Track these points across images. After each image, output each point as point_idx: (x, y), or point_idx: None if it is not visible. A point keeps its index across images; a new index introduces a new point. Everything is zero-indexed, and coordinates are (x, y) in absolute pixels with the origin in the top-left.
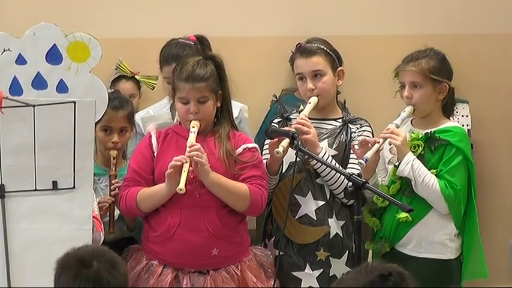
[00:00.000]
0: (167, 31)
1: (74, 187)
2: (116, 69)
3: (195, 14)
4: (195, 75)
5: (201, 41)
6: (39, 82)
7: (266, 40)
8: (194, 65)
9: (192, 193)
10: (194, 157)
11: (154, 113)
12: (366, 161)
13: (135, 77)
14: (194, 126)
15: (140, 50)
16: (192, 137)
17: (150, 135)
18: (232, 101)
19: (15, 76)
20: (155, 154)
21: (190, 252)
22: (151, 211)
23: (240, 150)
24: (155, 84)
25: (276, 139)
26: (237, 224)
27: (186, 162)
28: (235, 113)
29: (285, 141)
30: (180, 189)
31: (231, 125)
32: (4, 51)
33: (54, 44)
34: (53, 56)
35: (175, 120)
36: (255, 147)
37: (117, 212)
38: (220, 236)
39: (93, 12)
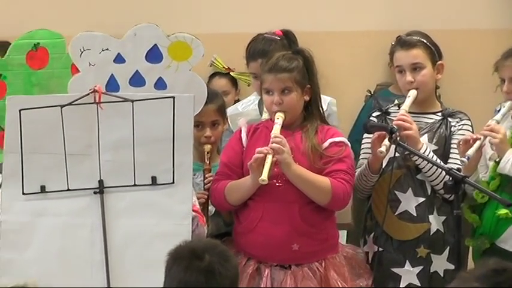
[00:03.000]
0: (261, 25)
1: (173, 182)
2: (211, 65)
3: (288, 8)
4: (279, 66)
5: (287, 36)
6: (137, 80)
7: (360, 35)
8: (279, 57)
9: (276, 187)
10: (275, 148)
11: (242, 110)
12: (468, 158)
13: (230, 73)
14: (279, 118)
15: (234, 45)
16: (276, 129)
17: (241, 130)
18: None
19: (112, 74)
20: (244, 148)
21: (271, 246)
22: (239, 204)
23: (326, 144)
24: (250, 80)
25: (377, 137)
26: (322, 220)
27: (269, 153)
28: (323, 107)
29: (387, 141)
30: (263, 180)
31: (320, 119)
32: (103, 50)
33: (155, 44)
34: (153, 55)
35: (262, 117)
36: (343, 142)
37: (213, 208)
38: (301, 231)
39: (187, 8)
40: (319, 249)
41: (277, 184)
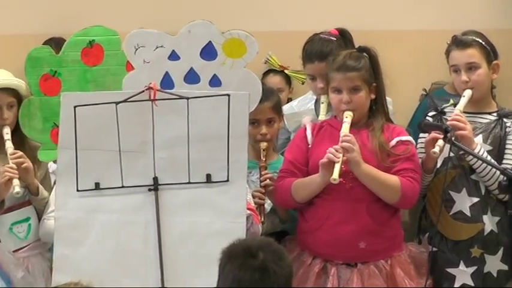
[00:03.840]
0: (316, 24)
1: (227, 180)
2: (265, 62)
3: (343, 7)
4: (347, 65)
5: (344, 35)
6: (191, 77)
7: (416, 34)
8: (346, 55)
9: (344, 185)
10: (345, 147)
11: (298, 109)
12: None
13: (285, 71)
14: (347, 117)
15: (289, 43)
16: (345, 128)
17: (305, 128)
18: None
19: (167, 71)
20: (309, 146)
21: (338, 245)
22: (305, 202)
23: (393, 143)
24: (304, 79)
25: (431, 138)
26: (388, 218)
27: (339, 152)
28: None
29: (441, 141)
30: (334, 179)
31: (385, 117)
32: (157, 47)
33: (210, 41)
34: (208, 52)
35: (319, 118)
36: (409, 140)
37: (268, 205)
38: (369, 230)
39: (242, 6)
40: (385, 247)
41: (344, 182)
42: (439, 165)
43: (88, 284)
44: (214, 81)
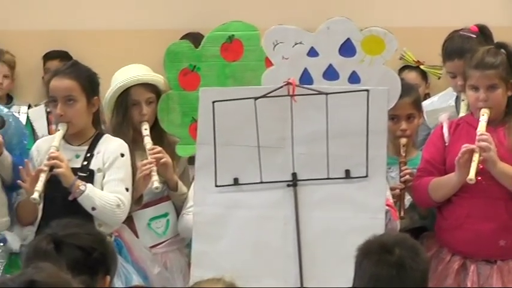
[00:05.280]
0: (450, 19)
1: (366, 176)
2: (401, 58)
3: (479, 2)
4: (485, 62)
5: (483, 32)
6: (330, 73)
7: None
8: (484, 52)
9: (482, 183)
10: (482, 147)
11: (439, 105)
12: None
13: (420, 67)
14: (484, 114)
15: (424, 38)
16: (482, 126)
17: (442, 126)
18: None
19: (305, 68)
20: (446, 144)
21: (477, 242)
22: (443, 201)
23: None
24: (440, 74)
25: None
26: None
27: (476, 151)
28: None
29: None
30: (470, 180)
31: None
32: (296, 44)
33: (348, 38)
34: (347, 49)
35: (459, 115)
36: None
37: (408, 201)
38: (508, 227)
39: (376, 2)
40: None
41: (481, 180)
42: None
43: (230, 280)
44: (354, 78)
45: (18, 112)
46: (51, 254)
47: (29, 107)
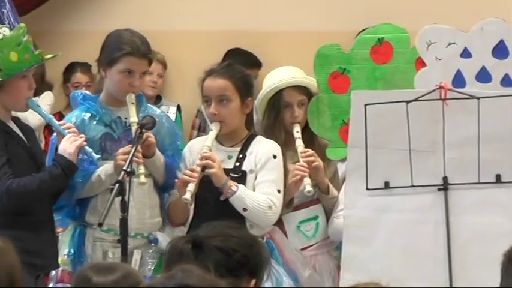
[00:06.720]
0: None
1: None
2: None
3: None
4: None
5: None
6: (483, 76)
7: None
8: None
9: None
10: None
11: None
12: None
13: None
14: None
15: None
16: None
17: None
18: None
19: (459, 69)
20: None
21: None
22: None
23: None
24: None
25: None
26: None
27: None
28: None
29: None
30: None
31: None
32: (449, 44)
33: (502, 40)
34: (500, 51)
35: None
36: None
37: None
38: None
39: None
40: None
41: None
42: None
43: (387, 285)
44: (506, 81)
45: (167, 112)
46: (189, 255)
47: (178, 107)
